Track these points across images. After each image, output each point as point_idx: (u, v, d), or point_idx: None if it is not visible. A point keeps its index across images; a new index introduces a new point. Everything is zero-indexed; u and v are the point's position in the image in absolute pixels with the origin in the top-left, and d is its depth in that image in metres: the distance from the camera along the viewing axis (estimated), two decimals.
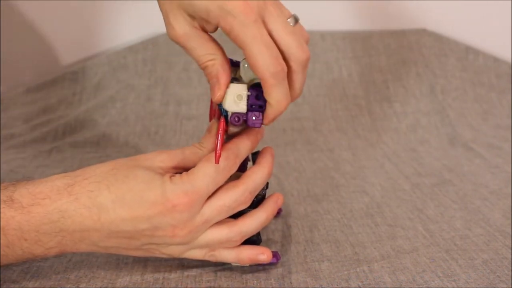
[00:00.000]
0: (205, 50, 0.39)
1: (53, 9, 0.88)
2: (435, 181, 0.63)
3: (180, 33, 0.38)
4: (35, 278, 0.42)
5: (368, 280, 0.43)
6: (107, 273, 0.43)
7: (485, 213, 0.55)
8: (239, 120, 0.39)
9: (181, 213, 0.38)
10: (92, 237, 0.39)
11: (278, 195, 0.44)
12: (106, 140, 0.75)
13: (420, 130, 0.80)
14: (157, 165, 0.40)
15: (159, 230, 0.38)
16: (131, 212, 0.38)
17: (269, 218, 0.42)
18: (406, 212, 0.55)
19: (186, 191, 0.38)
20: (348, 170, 0.67)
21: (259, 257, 0.42)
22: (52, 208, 0.37)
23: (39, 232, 0.37)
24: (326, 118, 0.82)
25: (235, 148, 0.40)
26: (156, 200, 0.38)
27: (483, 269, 0.44)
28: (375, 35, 0.91)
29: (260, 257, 0.42)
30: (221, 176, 0.39)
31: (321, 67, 0.87)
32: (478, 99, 0.87)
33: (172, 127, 0.79)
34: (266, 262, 0.42)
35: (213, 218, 0.40)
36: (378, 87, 0.87)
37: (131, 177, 0.38)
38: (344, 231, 0.51)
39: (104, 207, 0.38)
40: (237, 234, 0.41)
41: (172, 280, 0.42)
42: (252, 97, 0.39)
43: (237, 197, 0.40)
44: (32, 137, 0.74)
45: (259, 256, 0.42)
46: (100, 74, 0.85)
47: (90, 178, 0.39)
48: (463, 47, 0.92)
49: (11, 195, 0.38)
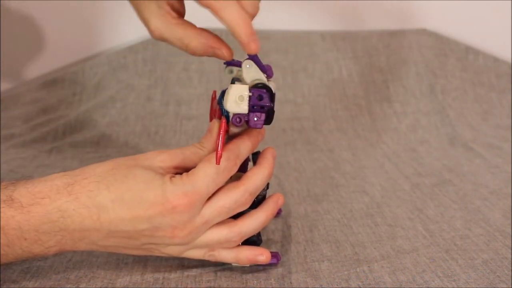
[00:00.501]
0: (180, 41, 0.39)
1: (53, 9, 0.88)
2: (435, 181, 0.63)
3: (155, 31, 0.39)
4: (35, 278, 0.42)
5: (368, 280, 0.43)
6: (107, 273, 0.43)
7: (485, 213, 0.55)
8: (241, 121, 0.39)
9: (181, 214, 0.38)
10: (92, 237, 0.39)
11: (278, 196, 0.44)
12: (106, 140, 0.75)
13: (420, 130, 0.80)
14: (157, 165, 0.40)
15: (158, 230, 0.38)
16: (130, 212, 0.38)
17: (269, 218, 0.42)
18: (406, 212, 0.55)
19: (186, 192, 0.38)
20: (348, 170, 0.67)
21: (258, 258, 0.42)
22: (52, 208, 0.37)
23: (38, 232, 0.37)
24: (326, 118, 0.82)
25: (236, 149, 0.40)
26: (156, 201, 0.38)
27: (483, 269, 0.44)
28: (375, 35, 0.91)
29: (259, 258, 0.42)
30: (222, 177, 0.39)
31: (321, 67, 0.87)
32: (478, 99, 0.87)
33: (172, 127, 0.79)
34: (265, 263, 0.42)
35: (213, 219, 0.40)
36: (378, 87, 0.87)
37: (131, 177, 0.38)
38: (344, 231, 0.51)
39: (103, 206, 0.38)
40: (236, 235, 0.41)
41: (172, 280, 0.42)
42: (254, 98, 0.39)
43: (238, 198, 0.40)
44: (32, 137, 0.74)
45: (258, 257, 0.42)
46: (100, 74, 0.85)
47: (89, 178, 0.39)
48: (463, 47, 0.92)
49: (11, 195, 0.38)
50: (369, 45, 0.90)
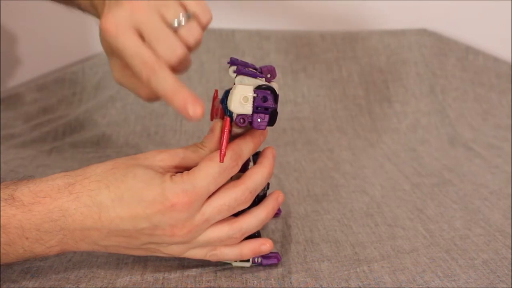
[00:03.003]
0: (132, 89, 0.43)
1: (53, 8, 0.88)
2: (435, 181, 0.63)
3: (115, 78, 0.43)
4: (35, 278, 0.42)
5: (368, 280, 0.43)
6: (107, 273, 0.43)
7: (485, 213, 0.55)
8: (244, 122, 0.39)
9: (180, 212, 0.38)
10: (93, 236, 0.39)
11: (278, 193, 0.43)
12: (106, 140, 0.75)
13: (420, 130, 0.80)
14: (157, 164, 0.40)
15: (158, 229, 0.38)
16: (130, 211, 0.38)
17: (269, 215, 0.42)
18: (406, 212, 0.55)
19: (186, 191, 0.38)
20: (348, 170, 0.67)
21: (262, 248, 0.42)
22: (53, 207, 0.37)
23: (40, 231, 0.38)
24: (326, 118, 0.82)
25: (238, 149, 0.40)
26: (155, 199, 0.38)
27: (483, 269, 0.44)
28: (375, 35, 0.91)
29: (263, 248, 0.42)
30: (223, 176, 0.39)
31: (321, 67, 0.87)
32: (478, 99, 0.87)
33: (172, 127, 0.79)
34: (268, 251, 0.42)
35: (213, 217, 0.39)
36: (378, 87, 0.87)
37: (130, 176, 0.38)
38: (344, 231, 0.51)
39: (104, 206, 0.38)
40: (237, 231, 0.41)
41: (172, 280, 0.42)
42: (258, 99, 0.39)
43: (238, 196, 0.40)
44: (32, 137, 0.74)
45: (261, 247, 0.42)
46: (100, 74, 0.85)
47: (90, 177, 0.39)
48: (463, 47, 0.92)
49: (12, 194, 0.38)
50: (369, 45, 0.90)
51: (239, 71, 0.39)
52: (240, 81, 0.39)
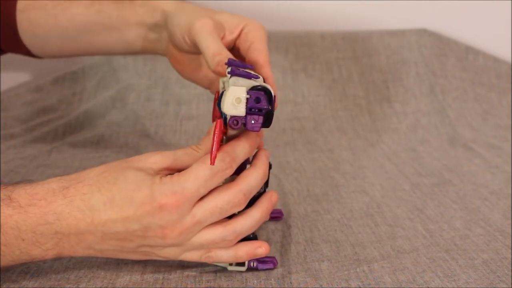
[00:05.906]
0: None
1: None
2: (435, 181, 0.63)
3: None
4: (35, 278, 0.42)
5: (368, 280, 0.43)
6: (107, 273, 0.43)
7: (485, 213, 0.55)
8: (238, 124, 0.38)
9: (169, 213, 0.37)
10: (88, 240, 0.39)
11: (271, 193, 0.43)
12: (106, 140, 0.75)
13: (420, 130, 0.80)
14: (149, 166, 0.39)
15: (149, 231, 0.38)
16: (121, 213, 0.38)
17: (264, 216, 0.42)
18: (406, 212, 0.55)
19: (174, 192, 0.37)
20: (348, 170, 0.67)
21: (257, 251, 0.42)
22: (48, 210, 0.38)
23: (36, 233, 0.38)
24: (326, 118, 0.82)
25: (232, 150, 0.39)
26: (144, 200, 0.37)
27: (483, 269, 0.44)
28: (375, 35, 0.91)
29: (258, 251, 0.42)
30: (215, 179, 0.38)
31: (321, 67, 0.87)
32: (478, 99, 0.87)
33: (172, 127, 0.79)
34: (264, 254, 0.42)
35: (205, 219, 0.39)
36: (378, 87, 0.87)
37: (121, 178, 0.38)
38: (344, 231, 0.51)
39: (96, 209, 0.38)
40: (231, 233, 0.40)
41: (172, 280, 0.42)
42: (251, 100, 0.37)
43: (230, 198, 0.39)
44: (32, 137, 0.74)
45: (257, 250, 0.42)
46: (100, 74, 0.85)
47: (84, 181, 0.39)
48: (463, 47, 0.92)
49: (10, 195, 0.38)
50: (369, 45, 0.90)
51: (233, 72, 0.38)
52: (234, 82, 0.38)
